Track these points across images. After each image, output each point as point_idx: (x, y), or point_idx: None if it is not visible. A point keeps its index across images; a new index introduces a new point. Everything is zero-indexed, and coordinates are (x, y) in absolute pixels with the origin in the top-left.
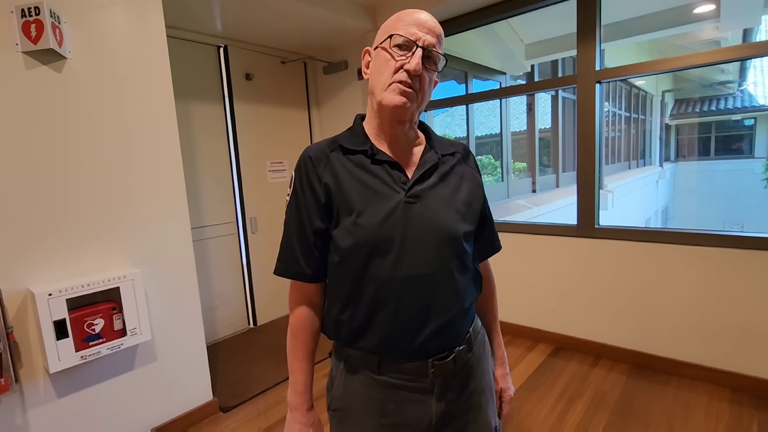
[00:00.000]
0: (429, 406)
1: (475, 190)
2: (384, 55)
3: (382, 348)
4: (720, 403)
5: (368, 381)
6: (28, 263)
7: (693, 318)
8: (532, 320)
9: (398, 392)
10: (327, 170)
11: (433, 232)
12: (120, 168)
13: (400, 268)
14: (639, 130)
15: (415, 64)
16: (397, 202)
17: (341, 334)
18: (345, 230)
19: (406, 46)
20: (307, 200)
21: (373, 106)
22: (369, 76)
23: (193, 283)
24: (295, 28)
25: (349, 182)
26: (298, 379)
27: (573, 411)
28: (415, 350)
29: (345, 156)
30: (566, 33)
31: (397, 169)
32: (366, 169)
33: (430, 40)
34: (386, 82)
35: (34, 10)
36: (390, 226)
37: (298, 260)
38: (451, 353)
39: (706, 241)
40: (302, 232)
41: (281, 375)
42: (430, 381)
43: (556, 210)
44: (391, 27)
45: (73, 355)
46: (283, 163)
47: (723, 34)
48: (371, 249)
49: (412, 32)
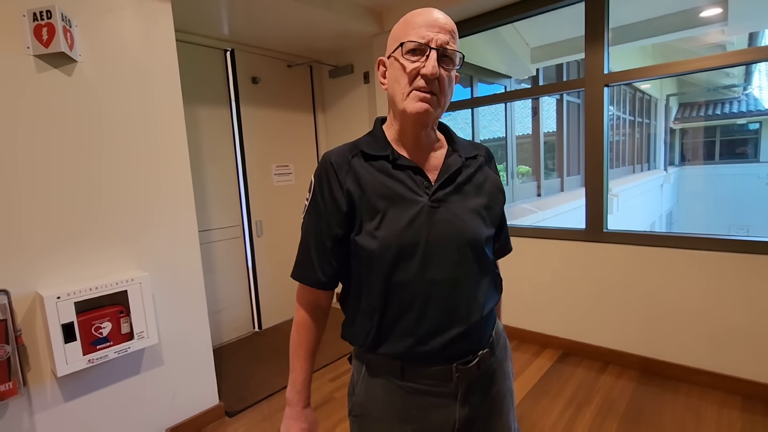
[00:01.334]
0: (453, 411)
1: (496, 194)
2: (398, 64)
3: (406, 353)
4: (732, 411)
5: (391, 386)
6: (37, 266)
7: (703, 324)
8: (539, 325)
9: (422, 398)
10: (349, 176)
11: (456, 237)
12: (129, 171)
13: (424, 272)
14: (643, 134)
15: (431, 68)
16: (421, 206)
17: (364, 339)
18: (369, 235)
19: (419, 51)
20: (327, 207)
21: (395, 114)
22: (387, 86)
23: (199, 286)
24: (302, 32)
25: (372, 188)
26: (298, 377)
27: (582, 418)
28: (439, 354)
29: (367, 162)
30: (572, 37)
31: (420, 174)
32: (389, 175)
33: (443, 38)
34: (405, 90)
35: (45, 13)
36: (414, 231)
37: (315, 267)
38: (475, 357)
39: (715, 246)
40: (320, 239)
41: (286, 380)
42: (455, 386)
43: (562, 214)
44: (401, 33)
45: (80, 359)
46: (288, 167)
47: (728, 37)
48: (396, 254)
49: (423, 35)
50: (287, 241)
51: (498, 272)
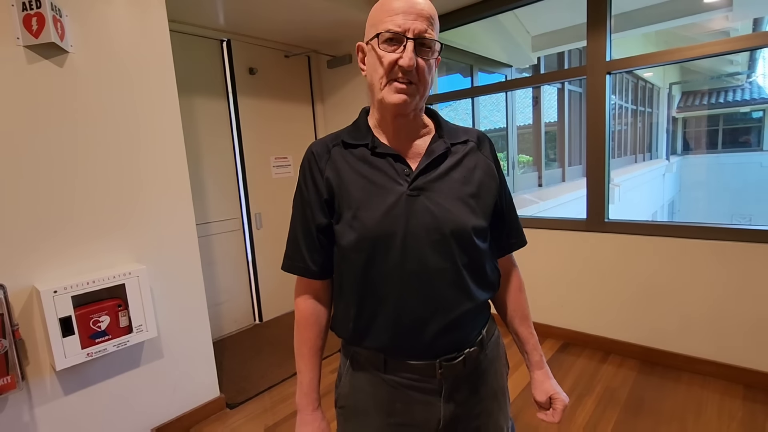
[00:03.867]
0: (437, 408)
1: (487, 182)
2: (375, 54)
3: (388, 346)
4: (733, 400)
5: (375, 379)
6: (33, 260)
7: (705, 313)
8: (540, 315)
9: (405, 392)
10: (329, 165)
11: (437, 227)
12: (124, 164)
13: (403, 264)
14: (645, 123)
15: (408, 60)
16: (399, 195)
17: (347, 331)
18: (347, 225)
19: (395, 40)
20: (310, 196)
21: (374, 101)
22: (366, 72)
23: (198, 279)
24: (299, 20)
25: (350, 176)
26: (304, 378)
27: (583, 407)
28: (422, 349)
29: (347, 150)
30: (573, 24)
31: (401, 162)
32: (368, 163)
33: (420, 27)
34: (382, 80)
35: (35, 3)
36: (391, 220)
37: (304, 256)
38: (460, 354)
39: (717, 235)
40: (306, 228)
41: (287, 371)
42: (438, 382)
43: (563, 204)
44: (377, 20)
45: (79, 353)
46: (287, 158)
47: (732, 24)
48: (373, 244)
49: (399, 23)
50: (287, 233)
51: (496, 265)
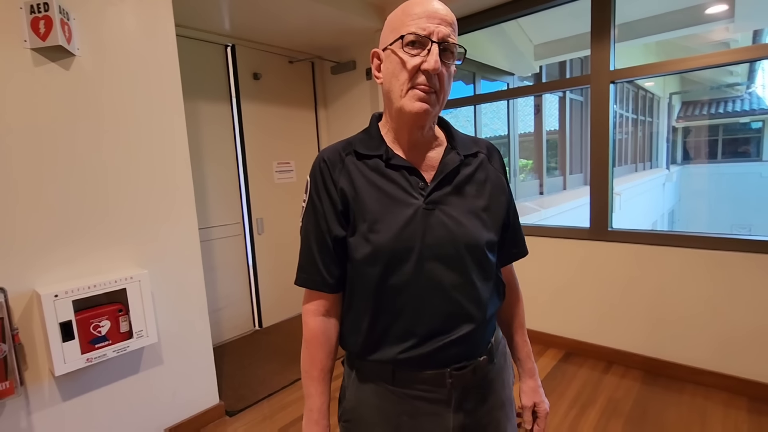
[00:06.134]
0: (446, 420)
1: (497, 195)
2: (396, 57)
3: (398, 358)
4: (738, 412)
5: (382, 391)
6: (34, 264)
7: (709, 324)
8: (542, 324)
9: (413, 403)
10: (343, 175)
11: (453, 241)
12: (128, 167)
13: (418, 277)
14: (646, 132)
15: (434, 63)
16: (416, 209)
17: (356, 344)
18: (362, 238)
19: (420, 44)
20: (324, 207)
21: (391, 111)
22: (383, 81)
23: (200, 284)
24: (303, 27)
25: (365, 188)
26: (314, 403)
27: (586, 418)
28: (433, 359)
29: (360, 161)
30: (576, 33)
31: (415, 175)
32: (382, 175)
33: (445, 31)
34: (404, 87)
35: (43, 6)
36: (408, 234)
37: (320, 269)
38: (470, 363)
39: (721, 245)
40: (321, 240)
41: (287, 379)
42: (448, 392)
43: (564, 212)
44: (399, 24)
45: (78, 358)
46: (290, 164)
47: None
48: (389, 258)
49: (424, 26)
50: (288, 238)
51: (501, 277)
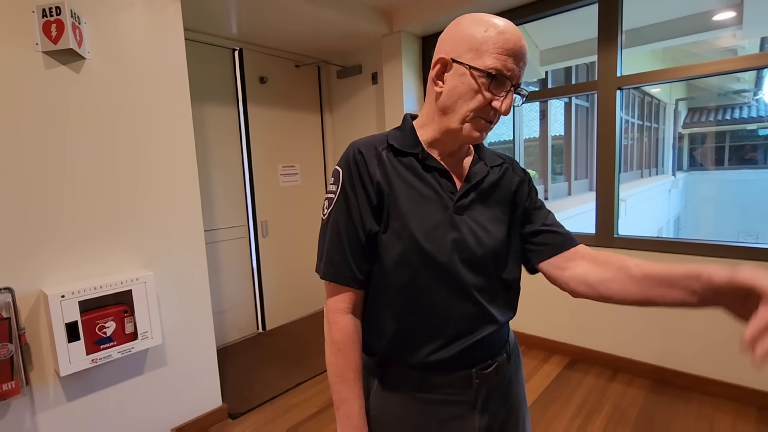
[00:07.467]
0: (473, 421)
1: (520, 201)
2: (470, 82)
3: (425, 362)
4: (746, 422)
5: (408, 400)
6: (42, 264)
7: (716, 333)
8: (547, 331)
9: (440, 409)
10: (379, 169)
11: (479, 245)
12: (135, 169)
13: (447, 279)
14: (652, 138)
15: (507, 107)
16: (446, 212)
17: (379, 347)
18: (394, 235)
19: (499, 80)
20: (358, 199)
21: (440, 123)
22: (443, 92)
23: (204, 286)
24: (310, 31)
25: (399, 185)
26: (353, 408)
27: (592, 426)
28: (459, 360)
29: (396, 157)
30: (582, 39)
31: (446, 178)
32: (416, 173)
33: (521, 74)
34: (469, 114)
35: (55, 10)
36: (439, 235)
37: (350, 264)
38: (494, 362)
39: (728, 253)
40: (354, 234)
41: (290, 382)
42: (474, 393)
43: (570, 218)
44: (482, 46)
45: (84, 359)
46: (295, 167)
47: (740, 42)
48: (419, 258)
49: (510, 67)
50: (293, 241)
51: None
